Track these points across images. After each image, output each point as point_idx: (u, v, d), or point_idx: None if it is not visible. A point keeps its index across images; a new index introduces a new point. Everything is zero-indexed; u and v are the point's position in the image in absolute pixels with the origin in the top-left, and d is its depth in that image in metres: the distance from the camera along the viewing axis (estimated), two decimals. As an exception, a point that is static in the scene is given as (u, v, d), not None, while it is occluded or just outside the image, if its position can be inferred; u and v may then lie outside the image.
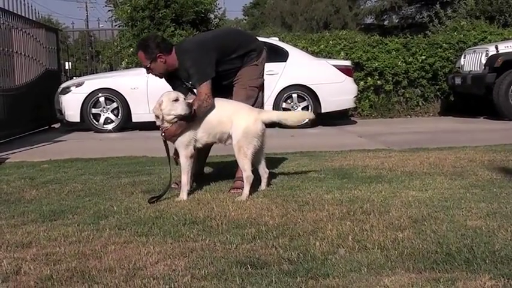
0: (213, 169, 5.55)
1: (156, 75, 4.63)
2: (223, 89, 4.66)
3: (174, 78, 4.67)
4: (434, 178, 4.81)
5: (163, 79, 4.77)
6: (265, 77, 4.91)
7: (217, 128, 4.41)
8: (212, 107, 4.41)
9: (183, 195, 4.31)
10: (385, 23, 26.21)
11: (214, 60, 4.49)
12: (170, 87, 4.74)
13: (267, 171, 4.64)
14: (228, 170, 5.34)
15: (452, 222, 3.39)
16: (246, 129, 4.34)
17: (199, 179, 4.85)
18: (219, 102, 4.50)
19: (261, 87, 4.78)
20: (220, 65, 4.55)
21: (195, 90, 4.58)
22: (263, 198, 4.21)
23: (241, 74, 4.67)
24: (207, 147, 4.79)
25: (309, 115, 4.71)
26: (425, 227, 3.31)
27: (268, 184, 4.64)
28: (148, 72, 4.63)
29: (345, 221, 3.48)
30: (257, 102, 4.72)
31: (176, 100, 4.29)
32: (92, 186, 4.95)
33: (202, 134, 4.42)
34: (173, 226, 3.49)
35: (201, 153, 4.97)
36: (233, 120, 4.36)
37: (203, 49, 4.53)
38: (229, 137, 4.42)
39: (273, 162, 5.76)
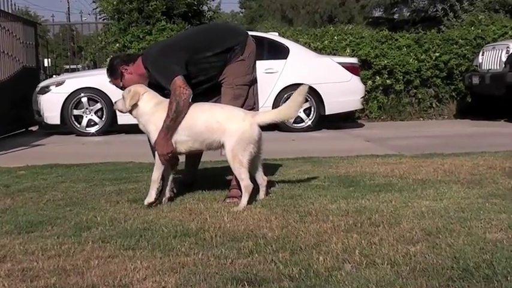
0: (206, 176, 5.54)
1: None
2: (208, 93, 4.70)
3: (154, 89, 4.70)
4: (450, 186, 4.81)
5: None
6: (264, 75, 4.91)
7: (206, 135, 4.40)
8: (201, 111, 4.43)
9: (152, 193, 4.37)
10: (395, 16, 26.28)
11: (182, 59, 4.52)
12: None
13: (266, 178, 4.63)
14: (222, 177, 5.34)
15: (470, 235, 3.39)
16: (241, 135, 4.34)
17: (191, 188, 4.85)
18: (209, 107, 4.53)
19: (251, 84, 4.77)
20: (196, 65, 4.57)
21: None
22: (261, 208, 4.20)
23: (227, 72, 4.67)
24: (197, 154, 4.81)
25: (302, 90, 4.58)
26: (439, 240, 3.30)
27: (267, 193, 4.63)
28: None
29: (351, 234, 3.47)
30: (248, 101, 4.71)
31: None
32: (73, 194, 4.94)
33: (186, 138, 4.41)
34: (163, 239, 3.48)
35: (192, 160, 4.98)
36: (226, 127, 4.36)
37: (166, 51, 4.61)
38: (221, 145, 4.41)
39: (272, 168, 5.75)
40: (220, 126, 4.37)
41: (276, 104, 10.27)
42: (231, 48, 4.67)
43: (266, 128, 4.54)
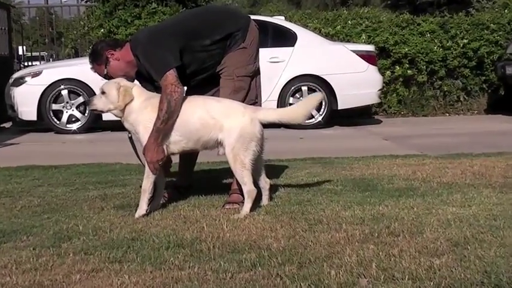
0: (202, 179, 5.55)
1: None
2: (204, 85, 4.71)
3: (143, 79, 4.71)
4: (480, 191, 4.81)
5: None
6: (268, 65, 4.92)
7: (201, 132, 4.40)
8: (195, 106, 4.44)
9: (143, 204, 4.35)
10: (418, -2, 26.25)
11: (176, 47, 4.52)
12: None
13: (269, 181, 4.63)
14: (221, 180, 5.34)
15: (503, 245, 3.39)
16: (241, 132, 4.34)
17: (185, 192, 4.86)
18: (204, 100, 4.53)
19: (254, 75, 4.77)
20: (191, 53, 4.58)
21: None
22: (265, 216, 4.21)
23: (226, 61, 4.67)
24: (193, 153, 4.81)
25: (315, 99, 4.63)
26: (468, 251, 3.30)
27: (271, 198, 4.64)
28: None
29: (367, 244, 3.48)
30: (249, 95, 4.71)
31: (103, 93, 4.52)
32: (52, 200, 4.95)
33: (179, 137, 4.41)
34: (153, 250, 3.49)
35: (186, 161, 4.98)
36: (223, 123, 4.36)
37: (157, 38, 4.59)
38: (218, 143, 4.42)
39: (278, 170, 5.76)
40: (217, 122, 4.36)
41: (281, 97, 10.32)
42: (231, 34, 4.66)
43: (271, 124, 4.54)
